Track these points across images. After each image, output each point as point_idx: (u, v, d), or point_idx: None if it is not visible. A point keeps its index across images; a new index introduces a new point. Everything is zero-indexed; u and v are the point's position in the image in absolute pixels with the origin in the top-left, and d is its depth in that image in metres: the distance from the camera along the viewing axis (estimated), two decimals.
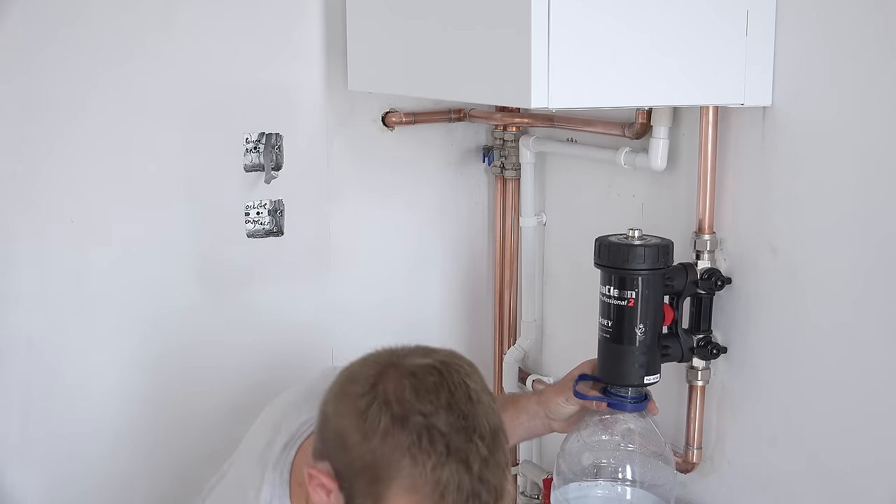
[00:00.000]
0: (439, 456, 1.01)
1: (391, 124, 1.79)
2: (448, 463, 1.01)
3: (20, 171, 1.53)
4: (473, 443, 1.03)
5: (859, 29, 1.17)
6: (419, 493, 1.01)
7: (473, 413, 1.04)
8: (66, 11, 1.52)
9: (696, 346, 1.38)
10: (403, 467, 1.01)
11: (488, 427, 1.05)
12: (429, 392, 1.04)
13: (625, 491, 1.31)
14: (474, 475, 1.02)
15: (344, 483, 1.07)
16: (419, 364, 1.06)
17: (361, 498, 1.05)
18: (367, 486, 1.04)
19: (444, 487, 1.01)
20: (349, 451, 1.05)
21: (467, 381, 1.06)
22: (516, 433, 1.44)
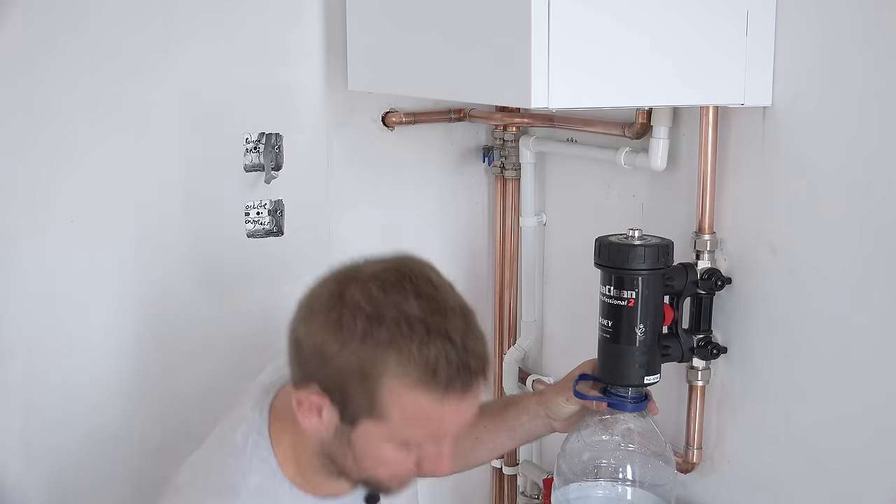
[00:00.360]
0: (421, 337, 1.04)
1: (391, 124, 1.79)
2: (431, 341, 1.04)
3: (21, 171, 1.53)
4: (449, 319, 1.07)
5: (859, 29, 1.17)
6: (411, 376, 1.04)
7: (440, 295, 1.08)
8: (67, 13, 1.52)
9: (696, 346, 1.38)
10: (390, 359, 1.04)
11: (458, 304, 1.09)
12: (393, 286, 1.07)
13: (625, 491, 1.31)
14: (458, 347, 1.05)
15: (334, 395, 1.08)
16: (377, 268, 1.10)
17: (356, 402, 1.07)
18: (359, 387, 1.06)
19: (434, 365, 1.04)
20: (332, 362, 1.07)
21: (426, 271, 1.11)
22: (517, 434, 1.44)
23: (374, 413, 1.07)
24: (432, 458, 1.13)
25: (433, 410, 1.07)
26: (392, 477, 1.15)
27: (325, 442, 1.14)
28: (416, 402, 1.06)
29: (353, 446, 1.12)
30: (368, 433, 1.09)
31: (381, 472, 1.14)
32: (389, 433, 1.09)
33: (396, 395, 1.06)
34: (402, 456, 1.12)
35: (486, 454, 1.49)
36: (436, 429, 1.09)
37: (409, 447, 1.11)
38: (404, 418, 1.07)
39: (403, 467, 1.13)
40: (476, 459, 1.50)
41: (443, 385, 1.05)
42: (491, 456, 1.51)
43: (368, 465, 1.13)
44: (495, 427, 1.46)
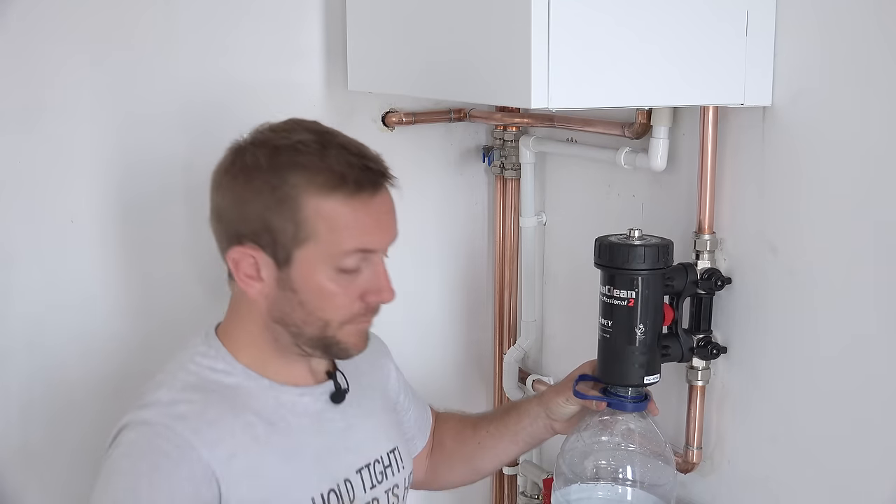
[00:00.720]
0: (319, 151, 1.14)
1: (391, 124, 1.79)
2: (329, 152, 1.14)
3: (20, 171, 1.53)
4: (339, 136, 1.18)
5: (859, 29, 1.17)
6: (322, 185, 1.13)
7: (328, 128, 1.20)
8: (67, 13, 1.52)
9: (696, 346, 1.38)
10: (298, 176, 1.13)
11: (344, 134, 1.20)
12: (282, 128, 1.18)
13: (625, 491, 1.31)
14: (355, 153, 1.16)
15: (262, 239, 1.15)
16: (262, 125, 1.20)
17: (283, 234, 1.14)
18: (281, 216, 1.14)
19: (338, 169, 1.13)
20: (250, 207, 1.15)
21: (312, 120, 1.21)
22: (520, 438, 1.44)
23: (301, 237, 1.14)
24: (372, 281, 1.18)
25: (351, 213, 1.14)
26: (342, 318, 1.18)
27: (272, 303, 1.18)
28: (333, 209, 1.14)
29: (296, 289, 1.16)
30: (306, 265, 1.15)
31: (329, 312, 1.18)
32: (321, 255, 1.15)
33: (314, 208, 1.13)
34: (343, 284, 1.17)
35: (490, 461, 1.49)
36: (361, 236, 1.16)
37: (345, 274, 1.16)
38: (329, 231, 1.14)
39: (348, 301, 1.17)
40: (482, 467, 1.50)
41: (352, 186, 1.14)
42: (496, 463, 1.51)
43: (315, 306, 1.17)
44: (497, 432, 1.46)
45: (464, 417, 1.54)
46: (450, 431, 1.51)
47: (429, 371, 1.87)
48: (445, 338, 1.93)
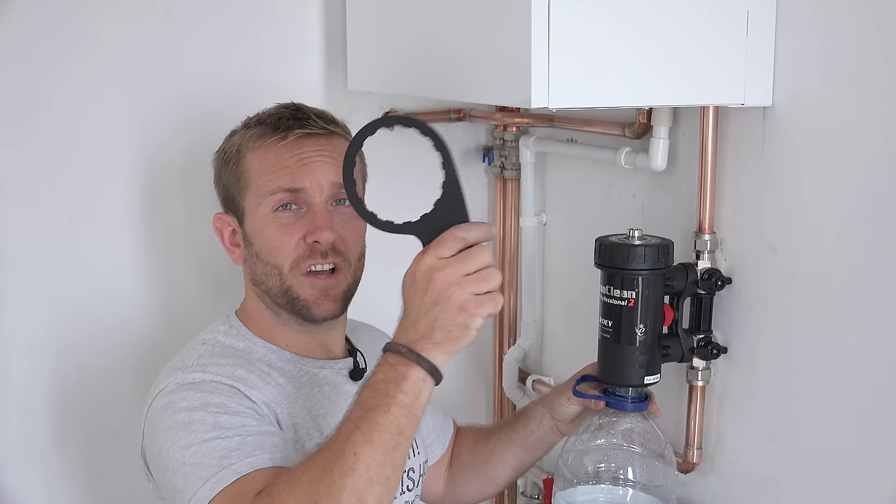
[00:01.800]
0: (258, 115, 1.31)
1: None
2: (266, 113, 1.30)
3: (21, 171, 1.53)
4: (301, 102, 1.34)
5: (859, 29, 1.17)
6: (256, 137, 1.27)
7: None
8: (67, 13, 1.52)
9: (696, 346, 1.38)
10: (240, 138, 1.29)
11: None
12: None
13: (626, 492, 1.31)
14: (291, 108, 1.31)
15: (228, 203, 1.31)
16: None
17: (230, 186, 1.29)
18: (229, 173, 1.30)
19: (271, 120, 1.28)
20: (217, 178, 1.34)
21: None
22: (529, 442, 1.44)
23: (242, 185, 1.27)
24: (310, 221, 1.25)
25: (276, 156, 1.26)
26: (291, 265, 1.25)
27: (247, 264, 1.29)
28: (263, 154, 1.26)
29: (251, 241, 1.27)
30: (251, 215, 1.27)
31: (277, 255, 1.25)
32: (256, 197, 1.26)
33: (250, 158, 1.27)
34: (284, 226, 1.25)
35: (503, 469, 1.48)
36: (285, 175, 1.25)
37: (282, 214, 1.25)
38: (259, 174, 1.26)
39: (291, 241, 1.25)
40: (496, 476, 1.49)
41: (282, 130, 1.26)
42: (509, 471, 1.49)
43: (266, 252, 1.26)
44: (508, 438, 1.46)
45: (480, 429, 1.55)
46: (467, 442, 1.52)
47: None
48: None
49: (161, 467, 1.15)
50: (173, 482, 1.11)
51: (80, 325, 1.61)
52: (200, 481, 1.08)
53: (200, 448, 1.11)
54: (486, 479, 1.49)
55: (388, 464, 1.00)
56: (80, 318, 1.61)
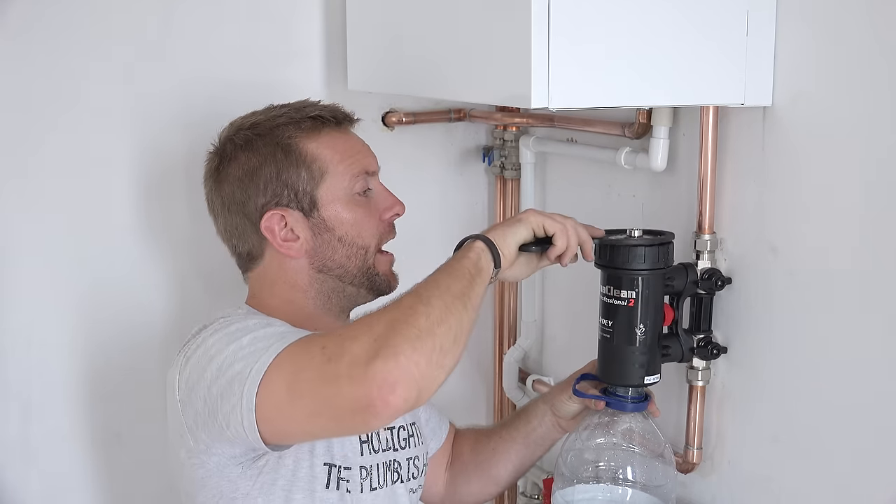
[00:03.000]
0: (291, 110, 1.31)
1: (391, 124, 1.79)
2: (299, 107, 1.32)
3: (20, 169, 1.53)
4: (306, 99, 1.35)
5: (859, 29, 1.17)
6: (311, 129, 1.29)
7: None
8: (67, 13, 1.52)
9: (696, 346, 1.38)
10: (289, 131, 1.29)
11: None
12: (241, 117, 1.35)
13: (625, 492, 1.31)
14: (317, 104, 1.34)
15: (283, 196, 1.28)
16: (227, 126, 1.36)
17: (298, 179, 1.28)
18: (291, 165, 1.28)
19: (315, 114, 1.30)
20: (260, 173, 1.28)
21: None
22: (531, 439, 1.45)
23: (317, 175, 1.28)
24: (382, 199, 1.34)
25: (344, 143, 1.31)
26: (375, 245, 1.32)
27: (313, 252, 1.29)
28: (329, 143, 1.30)
29: (331, 227, 1.30)
30: (331, 202, 1.29)
31: (364, 236, 1.30)
32: (337, 185, 1.29)
33: (314, 148, 1.29)
34: (364, 209, 1.31)
35: (505, 467, 1.49)
36: (357, 157, 1.32)
37: (361, 198, 1.31)
38: (335, 161, 1.29)
39: (373, 221, 1.32)
40: (498, 475, 1.50)
41: (332, 123, 1.31)
42: (510, 469, 1.49)
43: (352, 235, 1.30)
44: (509, 435, 1.47)
45: (480, 429, 1.56)
46: (467, 443, 1.52)
47: None
48: None
49: (212, 372, 1.14)
50: (230, 371, 1.11)
51: (81, 324, 1.61)
52: (261, 352, 1.10)
53: (257, 334, 1.14)
54: (487, 479, 1.50)
55: (456, 305, 1.09)
56: (80, 317, 1.60)
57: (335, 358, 1.03)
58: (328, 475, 1.23)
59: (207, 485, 1.20)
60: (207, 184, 1.36)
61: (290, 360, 1.08)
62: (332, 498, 1.23)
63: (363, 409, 1.00)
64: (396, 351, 1.00)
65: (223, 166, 1.32)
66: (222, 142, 1.34)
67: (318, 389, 1.04)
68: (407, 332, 1.02)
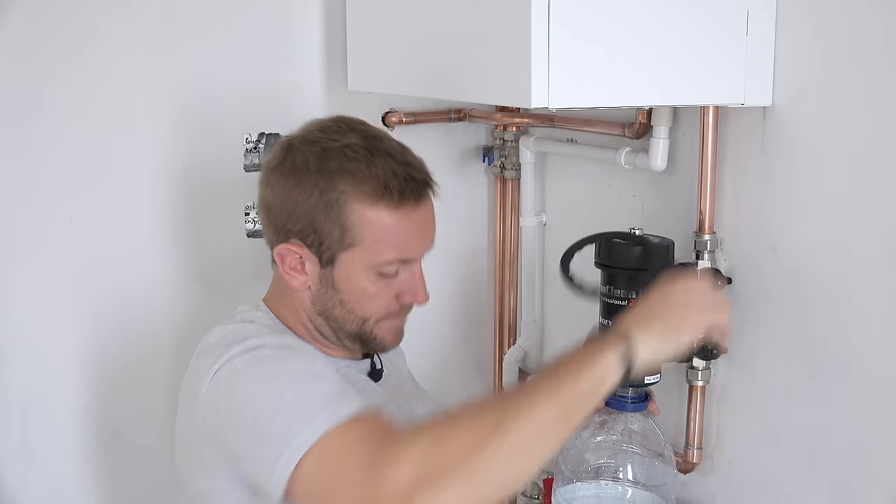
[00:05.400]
0: (367, 158, 1.18)
1: (391, 124, 1.79)
2: (376, 160, 1.18)
3: (20, 171, 1.53)
4: (385, 141, 1.22)
5: (859, 29, 1.17)
6: (370, 195, 1.17)
7: (374, 129, 1.24)
8: (67, 13, 1.52)
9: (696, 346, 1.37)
10: (346, 182, 1.17)
11: (389, 136, 1.24)
12: (331, 128, 1.22)
13: (625, 491, 1.31)
14: (399, 161, 1.20)
15: (309, 238, 1.20)
16: (312, 122, 1.24)
17: (329, 236, 1.19)
18: (328, 219, 1.18)
19: (384, 179, 1.17)
20: (299, 206, 1.19)
21: (358, 119, 1.26)
22: None
23: (347, 242, 1.19)
24: (409, 284, 1.24)
25: (394, 223, 1.19)
26: (379, 318, 1.24)
27: (315, 296, 1.23)
28: (379, 218, 1.18)
29: (337, 288, 1.21)
30: (348, 267, 1.20)
31: (368, 310, 1.23)
32: (364, 260, 1.20)
33: (360, 216, 1.18)
34: (382, 286, 1.22)
35: None
36: (402, 245, 1.21)
37: (385, 277, 1.21)
38: (373, 238, 1.19)
39: (385, 300, 1.23)
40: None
41: (397, 196, 1.18)
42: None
43: (355, 305, 1.22)
44: None
45: None
46: None
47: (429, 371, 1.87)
48: (446, 338, 1.93)
49: (247, 417, 1.08)
50: (270, 426, 1.05)
51: (81, 325, 1.61)
52: (305, 421, 1.03)
53: (300, 393, 1.08)
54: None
55: (558, 424, 1.01)
56: (80, 318, 1.61)
57: (381, 463, 0.98)
58: None
59: (213, 500, 1.17)
60: (262, 171, 1.25)
61: (336, 447, 1.02)
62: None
63: None
64: (443, 486, 0.96)
65: (275, 174, 1.21)
66: (292, 144, 1.22)
67: (354, 491, 1.00)
68: (462, 464, 0.97)
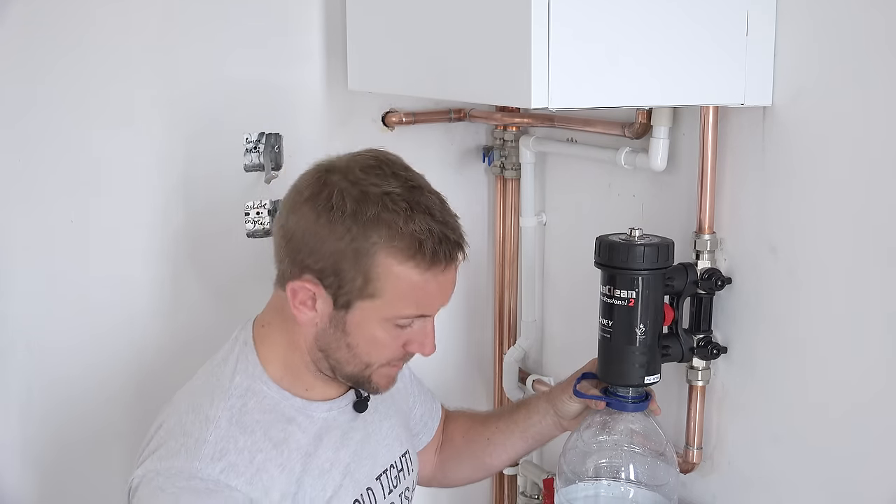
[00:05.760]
0: (406, 212, 1.13)
1: (391, 124, 1.79)
2: (415, 216, 1.13)
3: (20, 170, 1.53)
4: (426, 195, 1.17)
5: (859, 29, 1.17)
6: (401, 251, 1.13)
7: (415, 176, 1.19)
8: (67, 11, 1.52)
9: (696, 346, 1.38)
10: (381, 234, 1.13)
11: (430, 186, 1.20)
12: (373, 169, 1.17)
13: (627, 491, 1.31)
14: (438, 220, 1.15)
15: (327, 280, 1.15)
16: (353, 157, 1.19)
17: (350, 283, 1.15)
18: (354, 266, 1.14)
19: (419, 237, 1.13)
20: (325, 246, 1.14)
21: (398, 159, 1.21)
22: (529, 434, 1.45)
23: (368, 292, 1.15)
24: (419, 336, 1.21)
25: (421, 283, 1.15)
26: (382, 364, 1.21)
27: (320, 332, 1.20)
28: (406, 275, 1.14)
29: (346, 331, 1.18)
30: (363, 314, 1.16)
31: (374, 356, 1.20)
32: (382, 311, 1.16)
33: (387, 269, 1.13)
34: (393, 336, 1.19)
35: (499, 457, 1.49)
36: (424, 303, 1.18)
37: (399, 327, 1.18)
38: (396, 294, 1.15)
39: (393, 348, 1.20)
40: (490, 463, 1.50)
41: (429, 257, 1.14)
42: (504, 459, 1.50)
43: (362, 350, 1.19)
44: (507, 428, 1.46)
45: (474, 414, 1.55)
46: (460, 428, 1.52)
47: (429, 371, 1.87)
48: (446, 338, 1.91)
49: None
50: None
51: (81, 325, 1.61)
52: None
53: None
54: (479, 465, 1.50)
55: None
56: (80, 318, 1.60)
57: None
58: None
59: None
60: (290, 193, 1.20)
61: None
62: None
63: None
64: None
65: (305, 205, 1.16)
66: (329, 178, 1.16)
67: None
68: None
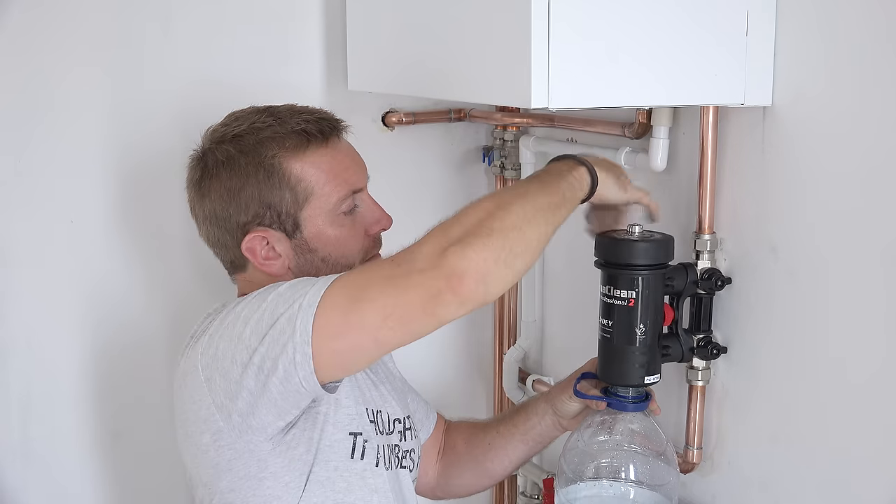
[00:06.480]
0: (276, 120, 1.25)
1: (391, 124, 1.79)
2: (284, 118, 1.25)
3: (20, 171, 1.53)
4: (281, 105, 1.29)
5: (859, 29, 1.17)
6: (297, 146, 1.24)
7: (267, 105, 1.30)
8: (67, 13, 1.52)
9: (696, 346, 1.38)
10: (272, 147, 1.23)
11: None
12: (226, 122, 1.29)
13: (628, 491, 1.31)
14: (303, 111, 1.28)
15: (266, 216, 1.24)
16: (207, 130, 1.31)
17: (281, 202, 1.24)
18: (275, 187, 1.23)
19: (300, 126, 1.25)
20: (242, 194, 1.24)
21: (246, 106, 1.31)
22: (530, 437, 1.45)
23: (301, 198, 1.24)
24: (369, 214, 1.30)
25: (329, 159, 1.25)
26: (360, 256, 1.28)
27: (295, 269, 1.26)
28: (315, 160, 1.24)
29: (313, 248, 1.25)
30: (313, 222, 1.25)
31: (347, 253, 1.27)
32: (324, 207, 1.25)
33: (299, 169, 1.24)
34: (349, 227, 1.27)
35: (500, 462, 1.49)
36: (345, 176, 1.26)
37: (347, 217, 1.27)
38: (320, 181, 1.24)
39: (358, 237, 1.28)
40: (492, 469, 1.49)
41: (319, 137, 1.25)
42: (506, 464, 1.50)
43: (335, 255, 1.27)
44: (507, 431, 1.46)
45: (475, 422, 1.55)
46: (461, 435, 1.52)
47: (429, 371, 1.87)
48: (445, 338, 1.93)
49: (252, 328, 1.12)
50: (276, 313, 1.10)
51: (81, 325, 1.61)
52: (309, 285, 1.10)
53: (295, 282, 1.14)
54: (481, 472, 1.50)
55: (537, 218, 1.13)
56: (80, 317, 1.61)
57: (405, 262, 1.08)
58: (353, 444, 1.23)
59: (234, 467, 1.17)
60: (189, 192, 1.31)
61: (354, 277, 1.11)
62: (357, 469, 1.22)
63: (432, 298, 1.05)
64: (465, 244, 1.05)
65: (205, 180, 1.27)
66: (204, 152, 1.28)
67: (386, 289, 1.07)
68: (478, 230, 1.06)
